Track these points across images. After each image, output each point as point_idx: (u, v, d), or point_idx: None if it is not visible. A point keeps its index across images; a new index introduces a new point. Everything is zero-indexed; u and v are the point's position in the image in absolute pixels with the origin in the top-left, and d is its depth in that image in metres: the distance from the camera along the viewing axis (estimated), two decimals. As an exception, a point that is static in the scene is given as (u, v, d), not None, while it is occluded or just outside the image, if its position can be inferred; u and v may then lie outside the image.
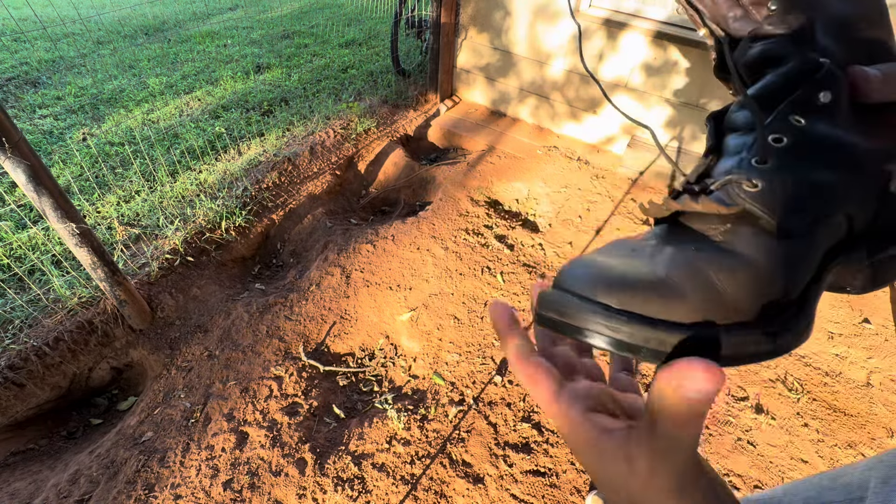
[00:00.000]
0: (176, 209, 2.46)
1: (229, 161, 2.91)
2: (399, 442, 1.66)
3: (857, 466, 0.55)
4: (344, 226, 2.70)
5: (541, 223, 2.74)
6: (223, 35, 5.15)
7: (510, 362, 0.30)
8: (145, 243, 2.28)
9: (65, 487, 1.52)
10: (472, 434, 1.70)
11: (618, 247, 0.31)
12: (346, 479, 1.56)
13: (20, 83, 3.77)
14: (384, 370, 1.95)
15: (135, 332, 2.00)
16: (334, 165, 3.05)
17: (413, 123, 3.59)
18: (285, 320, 2.07)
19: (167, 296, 2.10)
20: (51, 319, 1.88)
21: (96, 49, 4.52)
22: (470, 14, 3.38)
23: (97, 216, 2.40)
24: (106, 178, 2.69)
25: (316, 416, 1.76)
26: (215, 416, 1.71)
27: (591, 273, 0.28)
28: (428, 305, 2.16)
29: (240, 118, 3.43)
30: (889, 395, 1.91)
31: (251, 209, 2.59)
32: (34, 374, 1.76)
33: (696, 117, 2.87)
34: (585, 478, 1.61)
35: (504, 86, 3.57)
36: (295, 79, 4.09)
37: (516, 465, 1.62)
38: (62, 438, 1.83)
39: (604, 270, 0.28)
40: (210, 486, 1.53)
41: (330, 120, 3.37)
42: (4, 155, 1.35)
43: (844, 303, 2.31)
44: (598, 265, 0.28)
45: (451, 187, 2.91)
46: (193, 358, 1.92)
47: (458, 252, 2.44)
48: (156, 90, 3.76)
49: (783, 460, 1.68)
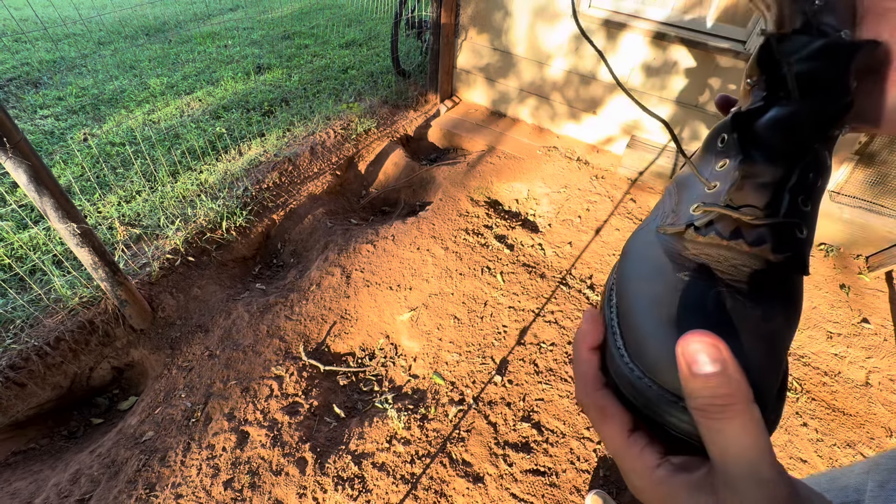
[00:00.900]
0: (177, 209, 2.47)
1: (230, 161, 2.91)
2: (399, 441, 1.67)
3: (855, 468, 0.55)
4: (344, 226, 2.71)
5: (540, 223, 2.75)
6: (224, 36, 5.15)
7: (580, 391, 0.28)
8: (146, 243, 2.28)
9: (66, 487, 1.53)
10: (472, 434, 1.71)
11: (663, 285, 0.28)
12: (347, 479, 1.56)
13: (21, 83, 3.77)
14: (384, 370, 1.96)
15: (136, 331, 2.00)
16: (335, 166, 3.06)
17: (413, 124, 3.59)
18: (286, 320, 2.08)
19: (168, 296, 2.10)
20: (52, 319, 1.89)
21: (97, 49, 4.53)
22: (470, 15, 3.38)
23: (98, 216, 2.41)
24: (107, 178, 2.69)
25: (316, 415, 1.76)
26: (216, 416, 1.71)
27: (668, 353, 0.24)
28: (428, 305, 2.17)
29: (240, 118, 3.44)
30: (888, 394, 1.92)
31: (252, 209, 2.60)
32: (35, 374, 1.77)
33: (695, 117, 2.87)
34: (585, 477, 1.61)
35: (504, 86, 3.57)
36: (295, 79, 4.10)
37: (516, 464, 1.62)
38: (63, 438, 1.83)
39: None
40: (211, 485, 1.53)
41: (330, 120, 3.38)
42: (6, 155, 1.35)
43: (844, 303, 2.31)
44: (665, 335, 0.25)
45: (451, 187, 2.91)
46: (194, 357, 1.92)
47: (458, 252, 2.44)
48: (157, 91, 3.77)
49: (782, 460, 1.69)
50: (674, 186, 0.36)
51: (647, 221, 0.35)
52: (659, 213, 0.34)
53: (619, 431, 0.26)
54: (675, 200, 0.33)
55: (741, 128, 0.29)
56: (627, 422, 0.26)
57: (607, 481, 1.61)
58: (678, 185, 0.35)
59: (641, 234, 0.34)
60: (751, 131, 0.29)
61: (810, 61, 0.27)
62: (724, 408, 0.21)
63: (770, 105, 0.28)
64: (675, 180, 0.36)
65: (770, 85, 0.29)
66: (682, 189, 0.33)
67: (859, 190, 2.52)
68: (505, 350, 2.00)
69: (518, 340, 2.04)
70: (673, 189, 0.35)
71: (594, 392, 0.27)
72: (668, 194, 0.36)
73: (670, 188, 0.36)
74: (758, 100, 0.29)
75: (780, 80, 0.28)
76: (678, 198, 0.33)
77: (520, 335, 2.06)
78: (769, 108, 0.28)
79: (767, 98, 0.29)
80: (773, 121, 0.28)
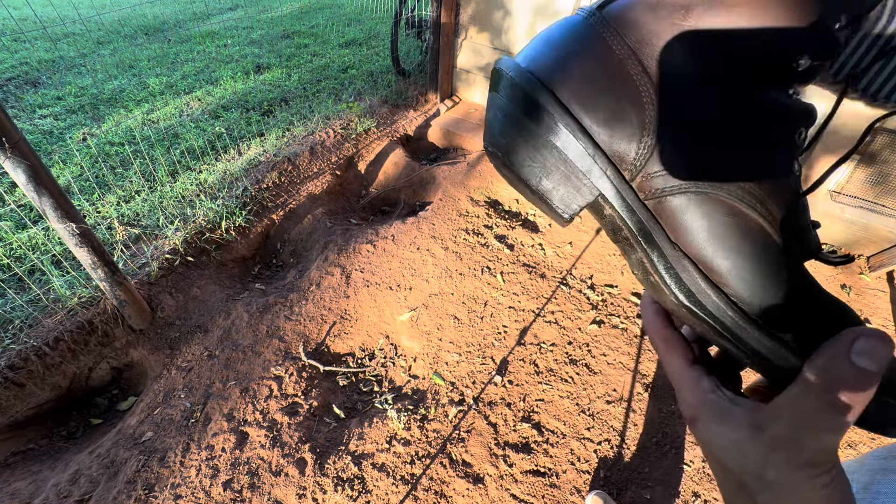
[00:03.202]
0: (176, 209, 2.46)
1: (229, 161, 2.91)
2: (399, 442, 1.66)
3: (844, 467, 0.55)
4: (344, 226, 2.70)
5: (541, 223, 2.74)
6: (223, 35, 5.14)
7: (648, 325, 0.32)
8: (145, 243, 2.28)
9: (65, 487, 1.52)
10: (472, 434, 1.70)
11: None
12: (346, 479, 1.56)
13: (20, 83, 3.77)
14: (384, 370, 1.95)
15: (135, 332, 2.00)
16: (334, 165, 3.05)
17: (413, 123, 3.59)
18: (285, 320, 2.07)
19: (167, 296, 2.10)
20: (51, 319, 1.88)
21: (96, 49, 4.52)
22: (470, 14, 3.38)
23: (97, 216, 2.40)
24: (106, 178, 2.69)
25: (316, 416, 1.76)
26: (215, 416, 1.71)
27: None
28: (428, 305, 2.16)
29: (240, 118, 3.43)
30: (889, 395, 1.91)
31: (251, 209, 2.59)
32: (34, 374, 1.76)
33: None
34: (586, 478, 1.61)
35: (504, 86, 3.57)
36: (295, 79, 4.09)
37: (516, 465, 1.62)
38: (62, 438, 1.83)
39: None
40: (210, 485, 1.53)
41: (330, 120, 3.38)
42: (4, 155, 1.35)
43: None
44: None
45: (451, 187, 2.91)
46: (193, 358, 1.92)
47: (458, 252, 2.44)
48: (156, 90, 3.76)
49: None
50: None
51: None
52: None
53: (682, 360, 0.29)
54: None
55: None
56: (689, 352, 0.30)
57: (608, 482, 1.61)
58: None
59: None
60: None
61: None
62: (853, 396, 0.22)
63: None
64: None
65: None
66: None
67: (860, 190, 2.51)
68: (505, 350, 1.99)
69: (518, 341, 2.03)
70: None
71: (663, 329, 0.31)
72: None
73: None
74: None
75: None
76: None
77: (520, 335, 2.05)
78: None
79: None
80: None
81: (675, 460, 1.67)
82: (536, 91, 0.26)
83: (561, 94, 0.26)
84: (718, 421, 0.26)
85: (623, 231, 0.29)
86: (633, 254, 0.29)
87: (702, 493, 1.59)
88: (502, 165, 0.29)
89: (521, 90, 0.27)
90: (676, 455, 1.69)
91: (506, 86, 0.28)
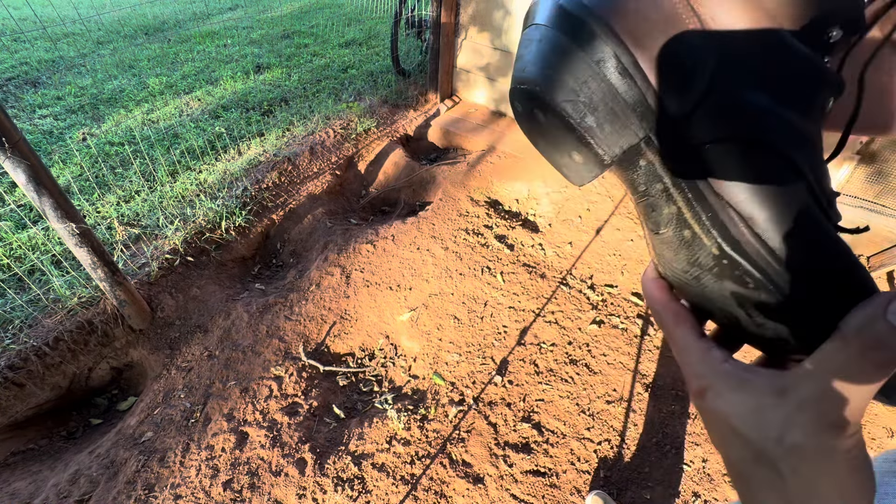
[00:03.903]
0: (176, 209, 2.46)
1: (229, 161, 2.91)
2: (399, 442, 1.66)
3: None
4: (344, 226, 2.70)
5: (541, 223, 2.74)
6: (223, 35, 5.14)
7: (654, 300, 0.32)
8: (145, 243, 2.28)
9: (65, 487, 1.52)
10: (472, 434, 1.70)
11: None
12: (346, 479, 1.56)
13: (20, 83, 3.77)
14: (384, 370, 1.95)
15: (135, 332, 2.00)
16: (334, 165, 3.05)
17: (413, 123, 3.59)
18: (285, 320, 2.07)
19: (167, 296, 2.10)
20: (51, 319, 1.88)
21: (96, 49, 4.52)
22: (470, 14, 3.38)
23: (97, 216, 2.40)
24: (106, 177, 2.69)
25: (316, 416, 1.76)
26: (215, 416, 1.71)
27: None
28: (428, 305, 2.16)
29: (240, 118, 3.43)
30: (889, 395, 1.91)
31: (251, 209, 2.59)
32: (34, 374, 1.76)
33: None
34: (586, 478, 1.61)
35: (504, 86, 3.57)
36: (295, 79, 4.09)
37: (516, 465, 1.62)
38: (62, 438, 1.83)
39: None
40: (210, 486, 1.53)
41: (330, 120, 3.37)
42: (4, 155, 1.35)
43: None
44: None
45: (451, 187, 2.91)
46: (193, 358, 1.92)
47: (458, 252, 2.44)
48: (156, 90, 3.76)
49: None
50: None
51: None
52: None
53: (692, 332, 0.30)
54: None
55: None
56: (698, 326, 0.30)
57: (608, 482, 1.61)
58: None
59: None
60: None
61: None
62: (889, 355, 0.22)
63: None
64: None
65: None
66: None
67: (860, 190, 2.51)
68: (505, 350, 1.99)
69: (518, 341, 2.03)
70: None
71: (670, 303, 0.31)
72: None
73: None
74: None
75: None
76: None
77: (520, 335, 2.05)
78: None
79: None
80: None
81: (675, 460, 1.67)
82: (591, 19, 0.26)
83: (615, 26, 0.26)
84: (736, 388, 0.26)
85: (660, 183, 0.28)
86: (667, 208, 0.28)
87: (702, 493, 1.59)
88: (536, 103, 0.28)
89: (573, 17, 0.27)
90: (676, 455, 1.69)
91: (554, 15, 0.28)
